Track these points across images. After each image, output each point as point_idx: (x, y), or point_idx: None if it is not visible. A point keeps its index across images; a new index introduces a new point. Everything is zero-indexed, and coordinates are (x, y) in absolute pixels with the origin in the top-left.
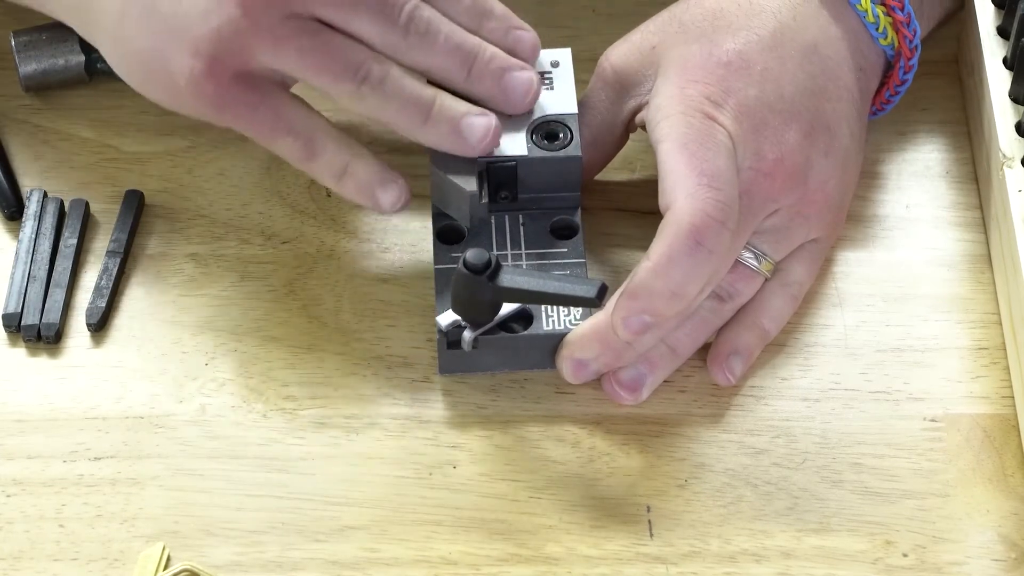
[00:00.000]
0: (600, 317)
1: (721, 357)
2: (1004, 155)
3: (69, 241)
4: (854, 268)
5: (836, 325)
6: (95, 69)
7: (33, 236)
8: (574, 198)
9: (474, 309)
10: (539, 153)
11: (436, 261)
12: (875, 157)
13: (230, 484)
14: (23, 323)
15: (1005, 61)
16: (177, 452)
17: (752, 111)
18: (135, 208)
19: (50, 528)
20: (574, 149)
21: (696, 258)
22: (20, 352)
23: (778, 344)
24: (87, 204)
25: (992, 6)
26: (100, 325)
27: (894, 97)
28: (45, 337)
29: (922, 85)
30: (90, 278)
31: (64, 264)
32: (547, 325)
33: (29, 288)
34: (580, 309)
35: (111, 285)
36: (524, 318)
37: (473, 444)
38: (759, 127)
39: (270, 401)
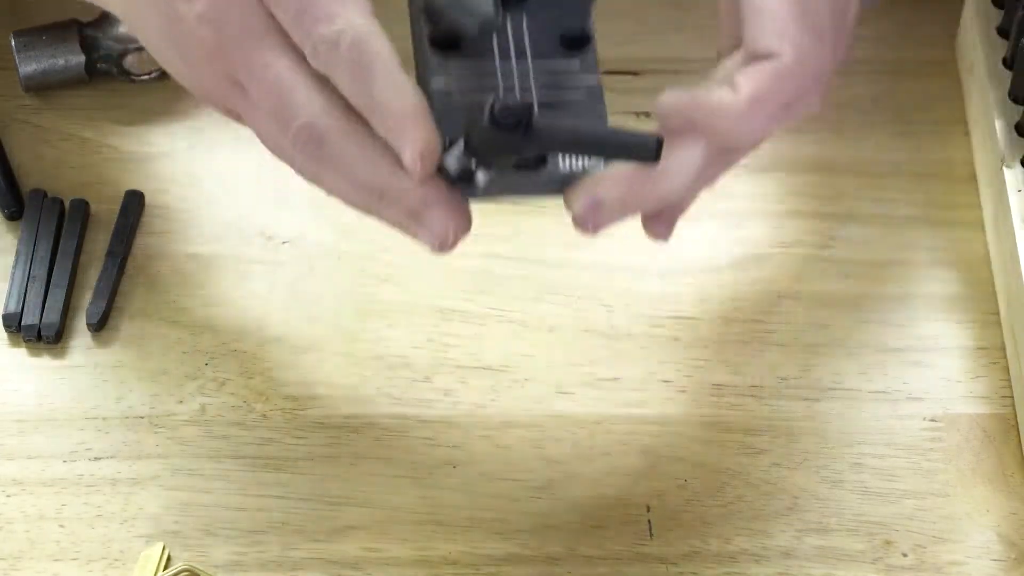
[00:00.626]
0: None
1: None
2: (1004, 155)
3: (69, 241)
4: (854, 268)
5: (836, 325)
6: (95, 69)
7: (33, 236)
8: None
9: (492, 156)
10: None
11: (432, 76)
12: (875, 157)
13: (230, 484)
14: (23, 323)
15: (1005, 61)
16: (177, 452)
17: None
18: (135, 208)
19: (50, 528)
20: None
21: (777, 119)
22: (20, 352)
23: (778, 344)
24: (87, 204)
25: (992, 6)
26: (100, 325)
27: None
28: (45, 337)
29: (922, 85)
30: (90, 278)
31: (64, 264)
32: (565, 165)
33: (29, 288)
34: None
35: (111, 285)
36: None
37: (473, 444)
38: None
39: (270, 401)
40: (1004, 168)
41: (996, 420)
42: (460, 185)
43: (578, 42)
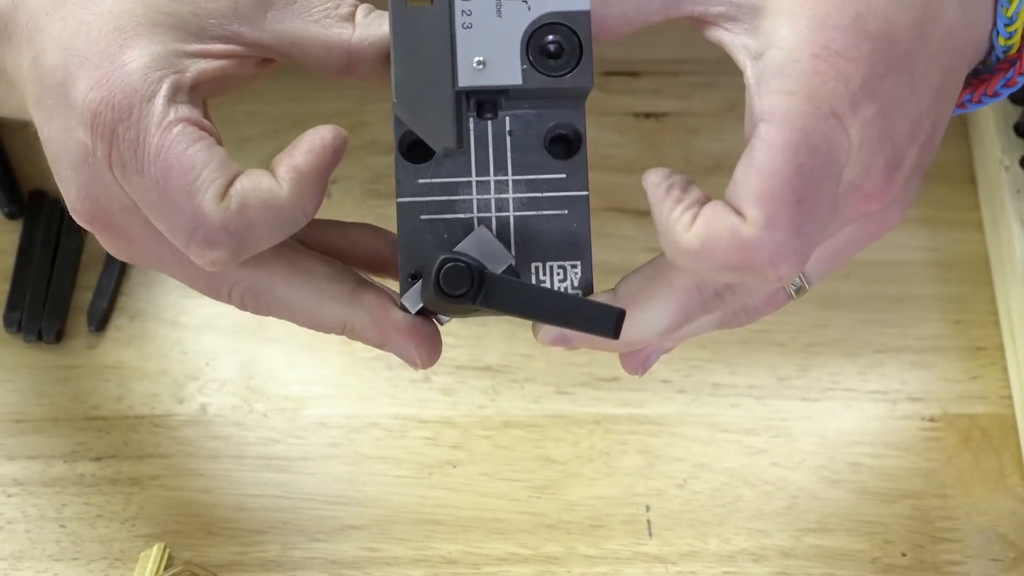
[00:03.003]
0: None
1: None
2: (1003, 155)
3: (70, 242)
4: (853, 268)
5: (835, 325)
6: None
7: (35, 237)
8: (580, 90)
9: (452, 312)
10: (538, 81)
11: (400, 190)
12: None
13: (230, 484)
14: (24, 323)
15: None
16: (178, 452)
17: (887, 115)
18: None
19: (51, 528)
20: (584, 72)
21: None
22: (21, 352)
23: (777, 344)
24: None
25: None
26: (101, 325)
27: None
28: (46, 337)
29: None
30: (91, 278)
31: (65, 264)
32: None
33: (31, 288)
34: (579, 273)
35: (112, 285)
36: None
37: (473, 444)
38: (884, 137)
39: (270, 401)
40: (1003, 169)
41: (995, 420)
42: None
43: (567, 147)
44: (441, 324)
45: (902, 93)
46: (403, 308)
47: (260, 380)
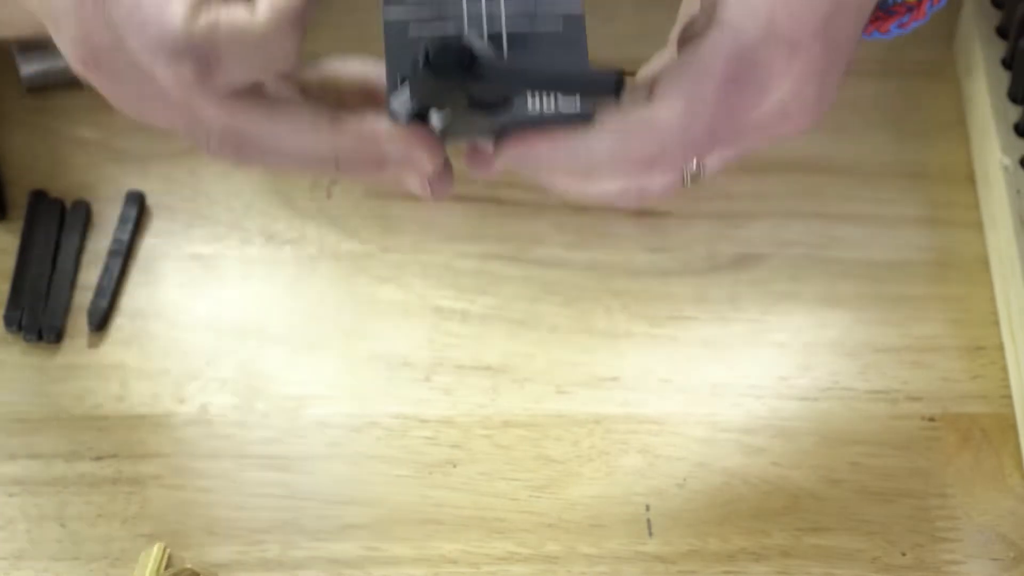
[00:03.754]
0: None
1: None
2: (1002, 155)
3: (70, 241)
4: (853, 268)
5: (835, 325)
6: None
7: (35, 237)
8: None
9: (442, 99)
10: None
11: (386, 6)
12: (875, 157)
13: (231, 483)
14: (25, 323)
15: (1004, 61)
16: (178, 451)
17: (829, 51)
18: (137, 209)
19: (52, 527)
20: None
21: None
22: (22, 352)
23: (777, 344)
24: (88, 205)
25: (991, 6)
26: (101, 325)
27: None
28: (47, 337)
29: (921, 85)
30: (91, 278)
31: (65, 264)
32: (533, 107)
33: (31, 288)
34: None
35: (112, 285)
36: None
37: (473, 444)
38: (821, 71)
39: (270, 401)
40: (1003, 168)
41: (994, 420)
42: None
43: None
44: (436, 133)
45: (845, 30)
46: (392, 115)
47: (260, 380)
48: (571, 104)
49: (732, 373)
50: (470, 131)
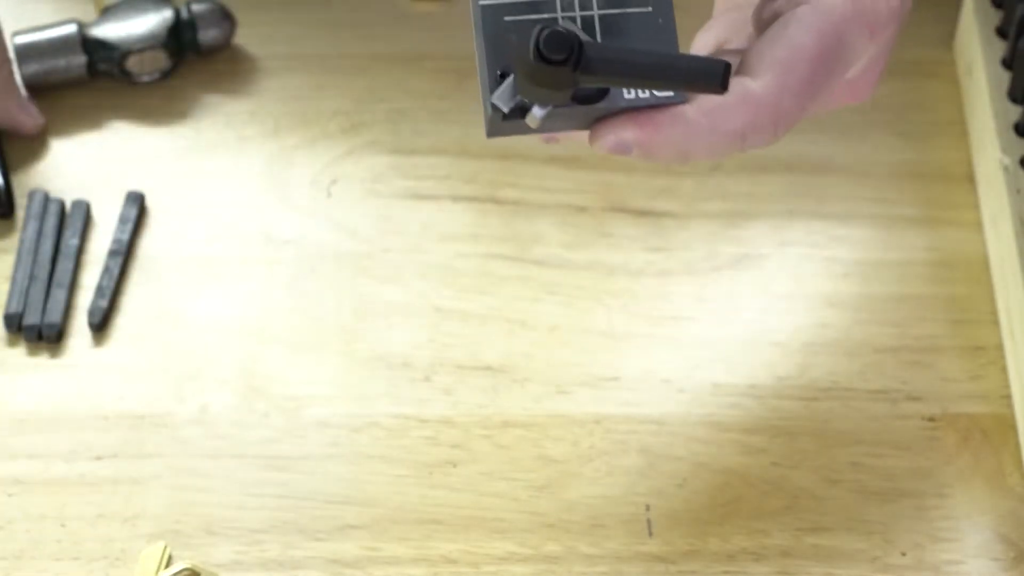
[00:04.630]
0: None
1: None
2: (1002, 155)
3: (71, 241)
4: (853, 268)
5: (835, 325)
6: (96, 70)
7: (35, 237)
8: None
9: (546, 92)
10: None
11: None
12: (874, 157)
13: (231, 483)
14: (24, 323)
15: (1004, 61)
16: (178, 451)
17: (897, 34)
18: (136, 208)
19: (51, 527)
20: None
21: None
22: (21, 352)
23: (777, 344)
24: (88, 205)
25: (991, 6)
26: (101, 325)
27: None
28: (47, 337)
29: (921, 85)
30: (91, 278)
31: (65, 264)
32: (629, 92)
33: (31, 288)
34: None
35: (112, 285)
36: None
37: (473, 444)
38: (888, 53)
39: (271, 400)
40: (1003, 168)
41: (994, 420)
42: (514, 121)
43: None
44: (534, 127)
45: (909, 8)
46: (494, 110)
47: (260, 380)
48: (666, 91)
49: (732, 373)
50: (568, 122)
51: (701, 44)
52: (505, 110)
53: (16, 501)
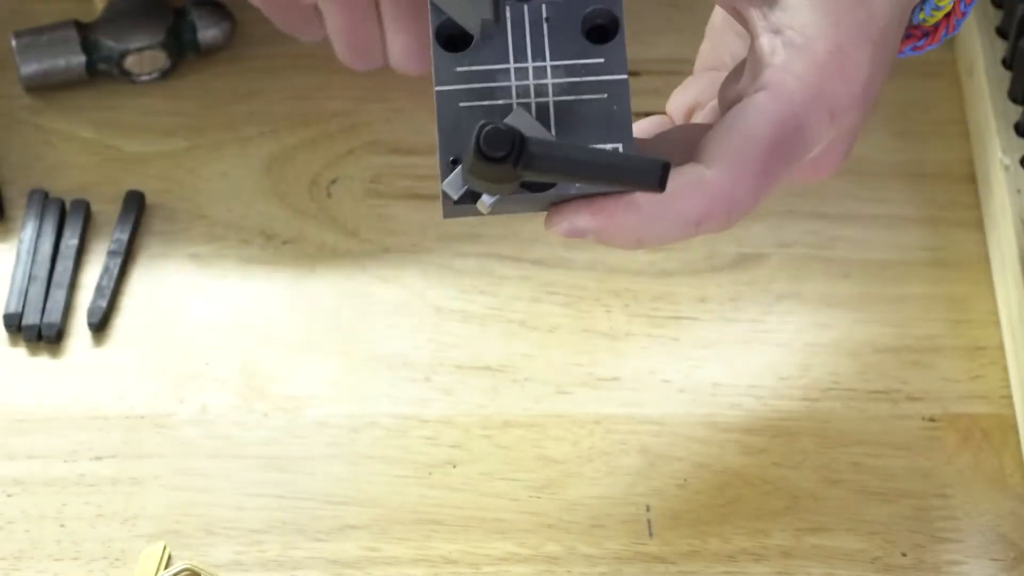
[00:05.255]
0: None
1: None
2: (1003, 155)
3: (70, 241)
4: (853, 268)
5: (835, 325)
6: (96, 70)
7: (34, 236)
8: None
9: (494, 183)
10: None
11: (438, 79)
12: (874, 157)
13: (231, 483)
14: (24, 323)
15: (1004, 61)
16: (178, 451)
17: (865, 114)
18: (136, 208)
19: (51, 527)
20: None
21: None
22: (21, 352)
23: (778, 344)
24: (88, 205)
25: (991, 6)
26: (101, 325)
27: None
28: (46, 337)
29: (921, 85)
30: (91, 278)
31: (65, 264)
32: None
33: (30, 288)
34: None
35: (112, 285)
36: None
37: (473, 444)
38: (855, 131)
39: (270, 401)
40: (1003, 168)
41: (995, 420)
42: (465, 206)
43: (604, 32)
44: (484, 212)
45: (878, 87)
46: (445, 195)
47: (260, 380)
48: (607, 188)
49: (732, 373)
50: (521, 205)
51: (676, 103)
52: (455, 197)
53: (16, 501)
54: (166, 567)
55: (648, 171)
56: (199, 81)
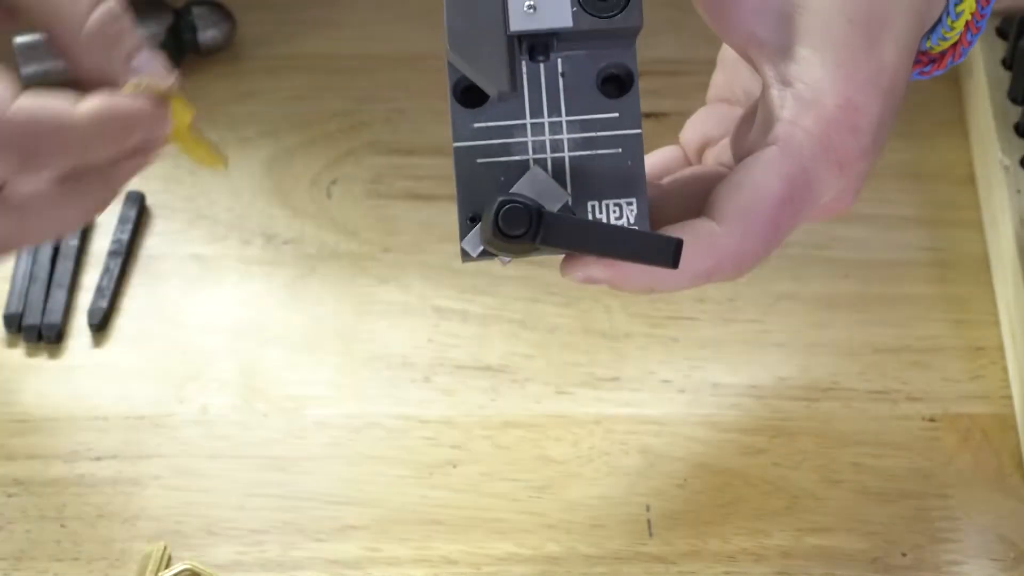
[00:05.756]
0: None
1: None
2: (1003, 155)
3: (70, 242)
4: (853, 268)
5: (835, 325)
6: None
7: None
8: (630, 30)
9: (511, 255)
10: (588, 23)
11: (456, 135)
12: None
13: (231, 484)
14: (24, 323)
15: (1004, 62)
16: (178, 452)
17: (874, 161)
18: (136, 209)
19: (51, 528)
20: (633, 12)
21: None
22: (21, 352)
23: (777, 344)
24: None
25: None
26: (101, 325)
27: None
28: (46, 337)
29: (921, 85)
30: (91, 278)
31: (65, 264)
32: None
33: (30, 288)
34: (635, 210)
35: (112, 285)
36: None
37: (473, 444)
38: (864, 176)
39: (271, 401)
40: (1003, 169)
41: (995, 420)
42: (482, 259)
43: (619, 86)
44: (504, 264)
45: (887, 132)
46: (464, 252)
47: (260, 380)
48: (631, 226)
49: (732, 373)
50: (537, 253)
51: (689, 136)
52: (473, 255)
53: (16, 501)
54: (166, 567)
55: (662, 250)
56: (199, 81)
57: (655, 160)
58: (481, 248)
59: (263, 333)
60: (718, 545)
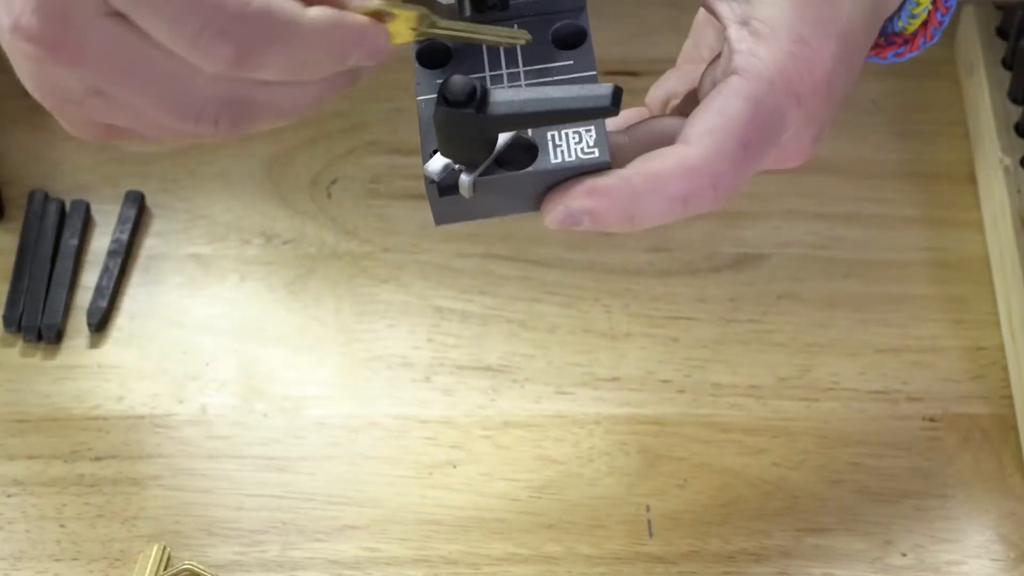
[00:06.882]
0: (616, 176)
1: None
2: (1003, 155)
3: (70, 241)
4: (853, 268)
5: (835, 325)
6: None
7: (34, 236)
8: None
9: (466, 148)
10: None
11: (419, 91)
12: (875, 157)
13: (231, 484)
14: (24, 323)
15: (1004, 62)
16: (178, 452)
17: (829, 103)
18: (136, 208)
19: (51, 528)
20: None
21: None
22: (21, 352)
23: (777, 344)
24: (88, 205)
25: (991, 7)
26: (101, 325)
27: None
28: (46, 337)
29: (921, 85)
30: (91, 278)
31: (65, 264)
32: (555, 157)
33: (30, 288)
34: (593, 134)
35: (112, 285)
36: (528, 148)
37: (473, 444)
38: (820, 118)
39: (270, 401)
40: (1003, 168)
41: (995, 420)
42: (448, 197)
43: (572, 40)
44: (467, 196)
45: (844, 82)
46: (427, 178)
47: (260, 380)
48: (590, 149)
49: (732, 373)
50: (507, 199)
51: (653, 96)
52: (436, 179)
53: (16, 501)
54: (166, 567)
55: (601, 94)
56: None
57: (618, 119)
58: (444, 172)
59: (263, 333)
60: (718, 545)
